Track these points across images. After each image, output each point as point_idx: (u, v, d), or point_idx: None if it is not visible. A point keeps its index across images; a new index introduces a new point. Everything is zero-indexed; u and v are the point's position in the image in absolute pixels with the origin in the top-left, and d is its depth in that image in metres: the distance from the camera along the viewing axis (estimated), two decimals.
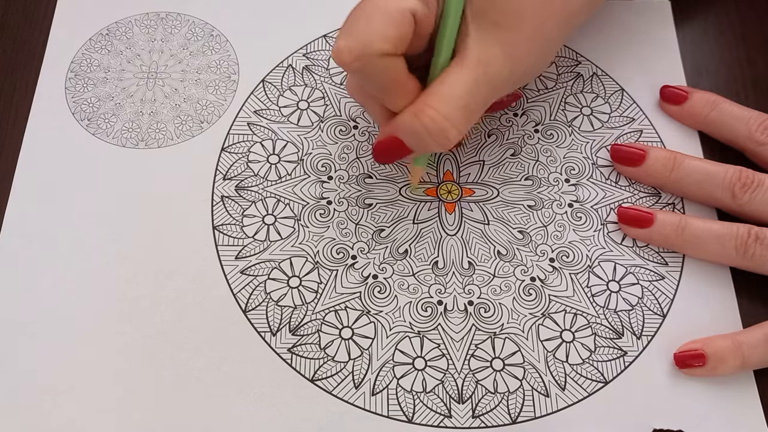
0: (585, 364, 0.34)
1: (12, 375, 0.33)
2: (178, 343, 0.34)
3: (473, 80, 0.30)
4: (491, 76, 0.30)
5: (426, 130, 0.30)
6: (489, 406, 0.33)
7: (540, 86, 0.40)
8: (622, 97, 0.40)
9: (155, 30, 0.42)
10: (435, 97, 0.30)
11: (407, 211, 0.37)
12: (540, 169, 0.38)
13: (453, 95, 0.30)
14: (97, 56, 0.41)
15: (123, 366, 0.33)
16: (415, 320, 0.34)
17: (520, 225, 0.37)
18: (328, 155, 0.38)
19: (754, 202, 0.34)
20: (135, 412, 0.33)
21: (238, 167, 0.38)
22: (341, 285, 0.35)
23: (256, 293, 0.35)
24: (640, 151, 0.37)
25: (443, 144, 0.30)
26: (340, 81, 0.40)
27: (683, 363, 0.33)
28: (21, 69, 0.41)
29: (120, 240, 0.36)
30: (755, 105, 0.37)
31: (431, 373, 0.33)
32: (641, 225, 0.35)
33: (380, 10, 0.29)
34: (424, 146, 0.31)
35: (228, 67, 0.41)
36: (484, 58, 0.30)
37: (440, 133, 0.30)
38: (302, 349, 0.34)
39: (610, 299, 0.35)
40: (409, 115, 0.30)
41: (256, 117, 0.39)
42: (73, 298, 0.35)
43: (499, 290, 0.35)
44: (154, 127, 0.39)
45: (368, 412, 0.33)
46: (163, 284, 0.35)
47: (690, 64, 0.41)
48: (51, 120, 0.39)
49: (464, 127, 0.30)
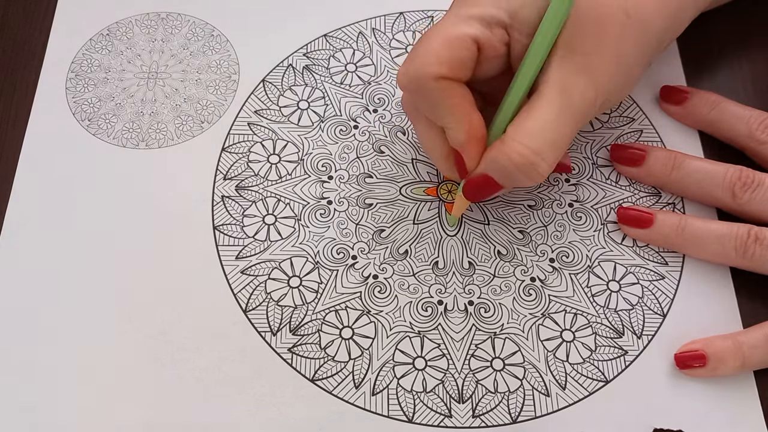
0: (585, 364, 0.34)
1: (12, 375, 0.33)
2: (178, 343, 0.34)
3: (558, 111, 0.30)
4: (576, 105, 0.30)
5: (515, 167, 0.30)
6: (489, 405, 0.33)
7: None
8: None
9: (156, 30, 0.42)
10: (522, 131, 0.30)
11: (407, 211, 0.37)
12: None
13: (540, 128, 0.29)
14: (97, 56, 0.41)
15: (123, 366, 0.33)
16: (415, 320, 0.34)
17: (520, 225, 0.37)
18: (329, 155, 0.38)
19: (754, 201, 0.34)
20: (135, 411, 0.33)
21: (239, 167, 0.38)
22: (341, 285, 0.35)
23: (256, 293, 0.35)
24: (640, 151, 0.37)
25: (534, 179, 0.30)
26: (340, 80, 0.40)
27: (684, 363, 0.33)
28: (21, 69, 0.41)
29: (120, 240, 0.36)
30: (755, 105, 0.37)
31: (431, 372, 0.33)
32: (641, 225, 0.35)
33: (440, 35, 0.30)
34: (515, 182, 0.31)
35: (228, 67, 0.41)
36: (567, 87, 0.30)
37: (531, 168, 0.30)
38: (302, 349, 0.34)
39: (610, 299, 0.35)
40: (497, 152, 0.30)
41: (257, 117, 0.39)
42: (73, 298, 0.35)
43: (500, 290, 0.35)
44: (155, 127, 0.39)
45: (368, 412, 0.33)
46: (164, 284, 0.35)
47: (690, 64, 0.41)
48: (51, 120, 0.39)
49: (554, 159, 0.30)
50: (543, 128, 0.29)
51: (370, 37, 0.41)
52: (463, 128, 0.31)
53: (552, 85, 0.30)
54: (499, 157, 0.30)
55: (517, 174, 0.30)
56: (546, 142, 0.29)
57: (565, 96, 0.30)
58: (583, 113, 0.30)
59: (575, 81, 0.30)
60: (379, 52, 0.41)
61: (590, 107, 0.30)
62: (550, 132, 0.29)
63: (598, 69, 0.30)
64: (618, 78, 0.31)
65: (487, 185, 0.32)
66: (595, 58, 0.30)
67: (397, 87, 0.40)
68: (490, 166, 0.31)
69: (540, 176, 0.30)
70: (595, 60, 0.30)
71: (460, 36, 0.29)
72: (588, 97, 0.30)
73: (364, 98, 0.40)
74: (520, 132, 0.30)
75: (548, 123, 0.29)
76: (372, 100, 0.40)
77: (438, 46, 0.30)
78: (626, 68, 0.31)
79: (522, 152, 0.29)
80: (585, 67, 0.30)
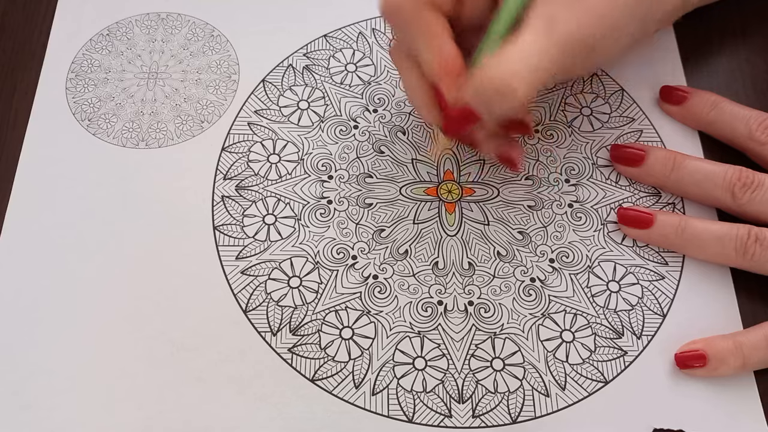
0: (585, 364, 0.34)
1: (12, 375, 0.33)
2: (178, 343, 0.34)
3: (542, 38, 0.29)
4: (561, 35, 0.30)
5: (493, 88, 0.29)
6: (489, 405, 0.33)
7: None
8: (622, 97, 0.40)
9: (156, 30, 0.42)
10: (503, 56, 0.30)
11: (407, 211, 0.37)
12: (540, 169, 0.38)
13: (521, 53, 0.29)
14: (97, 57, 0.41)
15: (123, 366, 0.33)
16: (415, 320, 0.34)
17: (520, 225, 0.37)
18: (329, 155, 0.38)
19: (754, 202, 0.34)
20: (135, 411, 0.33)
21: (239, 167, 0.38)
22: (341, 285, 0.35)
23: (256, 293, 0.35)
24: (640, 151, 0.37)
25: (511, 102, 0.30)
26: (340, 80, 0.40)
27: (684, 363, 0.33)
28: (21, 69, 0.41)
29: (120, 240, 0.36)
30: (755, 105, 0.37)
31: (431, 373, 0.33)
32: (641, 226, 0.35)
33: None
34: (492, 107, 0.30)
35: (228, 67, 0.41)
36: (552, 17, 0.30)
37: (508, 90, 0.29)
38: (302, 349, 0.34)
39: (610, 299, 0.35)
40: (475, 76, 0.30)
41: (257, 117, 0.39)
42: (73, 299, 0.35)
43: (499, 290, 0.35)
44: (155, 127, 0.39)
45: (368, 412, 0.33)
46: (164, 284, 0.35)
47: (690, 64, 0.41)
48: (52, 120, 0.39)
49: (533, 83, 0.29)
50: (525, 53, 0.29)
51: (370, 37, 0.42)
52: (441, 57, 0.31)
53: (537, 16, 0.30)
54: (477, 80, 0.30)
55: (495, 97, 0.30)
56: (525, 66, 0.29)
57: (551, 25, 0.29)
58: (570, 46, 0.30)
59: (561, 12, 0.30)
60: (379, 52, 0.41)
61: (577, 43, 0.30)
62: (530, 57, 0.29)
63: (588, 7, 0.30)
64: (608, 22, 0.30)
65: (466, 116, 0.31)
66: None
67: (397, 87, 0.40)
68: (468, 92, 0.31)
69: (517, 99, 0.29)
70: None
71: None
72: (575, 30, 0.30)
73: (364, 98, 0.40)
74: (502, 57, 0.30)
75: (531, 48, 0.29)
76: (372, 100, 0.40)
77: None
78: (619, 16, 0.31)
79: (500, 75, 0.29)
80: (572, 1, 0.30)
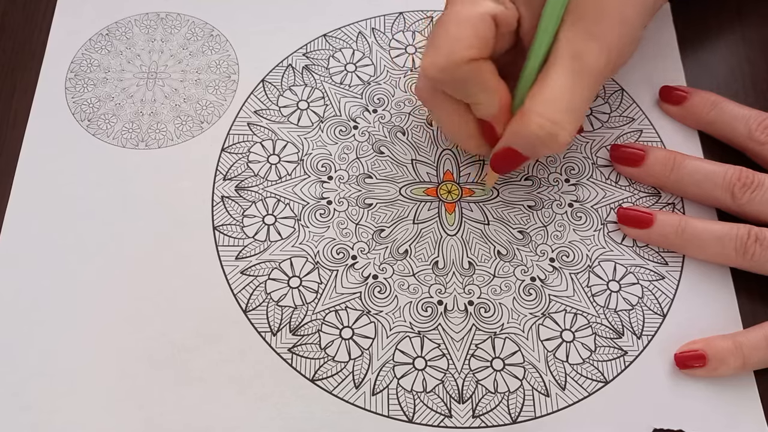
0: (585, 364, 0.34)
1: (12, 375, 0.33)
2: (178, 344, 0.34)
3: (572, 77, 0.30)
4: (588, 69, 0.31)
5: (536, 137, 0.31)
6: (489, 405, 0.33)
7: None
8: (622, 97, 0.40)
9: (155, 30, 0.42)
10: (538, 101, 0.31)
11: (407, 211, 0.37)
12: (540, 169, 0.38)
13: (555, 97, 0.30)
14: (97, 56, 0.41)
15: (123, 366, 0.33)
16: (415, 320, 0.34)
17: (520, 225, 0.37)
18: (328, 155, 0.38)
19: (754, 202, 0.34)
20: (135, 412, 0.33)
21: (239, 167, 0.38)
22: (341, 285, 0.35)
23: (256, 293, 0.35)
24: (639, 151, 0.37)
25: (555, 148, 0.31)
26: (339, 80, 0.40)
27: (684, 363, 0.33)
28: (21, 69, 0.41)
29: (120, 240, 0.36)
30: (755, 105, 0.37)
31: (431, 372, 0.33)
32: (641, 226, 0.36)
33: (460, 20, 0.30)
34: (537, 152, 0.32)
35: (228, 67, 0.41)
36: (577, 54, 0.30)
37: (551, 138, 0.31)
38: (302, 349, 0.34)
39: (610, 299, 0.35)
40: (518, 124, 0.31)
41: (256, 117, 0.39)
42: (73, 299, 0.35)
43: (499, 290, 0.35)
44: (155, 127, 0.39)
45: (368, 412, 0.33)
46: (164, 284, 0.35)
47: (690, 64, 0.41)
48: (51, 120, 0.39)
49: (573, 126, 0.31)
50: (558, 96, 0.30)
51: (369, 37, 0.41)
52: (497, 100, 0.32)
53: (563, 53, 0.31)
54: (521, 129, 0.31)
55: (539, 144, 0.31)
56: (563, 110, 0.30)
57: (577, 62, 0.30)
58: (596, 77, 0.31)
59: (585, 47, 0.30)
60: (378, 52, 0.41)
61: (602, 70, 0.31)
62: (566, 99, 0.30)
63: (605, 32, 0.31)
64: (623, 39, 0.32)
65: (513, 157, 0.33)
66: (600, 23, 0.30)
67: (396, 88, 0.40)
68: (513, 138, 0.32)
69: (561, 145, 0.31)
70: (601, 25, 0.31)
71: (481, 15, 0.30)
72: (599, 61, 0.31)
73: (364, 98, 0.40)
74: (537, 102, 0.31)
75: (563, 90, 0.30)
76: (372, 101, 0.40)
77: (463, 29, 0.30)
78: (629, 29, 0.32)
79: (541, 123, 0.30)
80: (592, 32, 0.30)
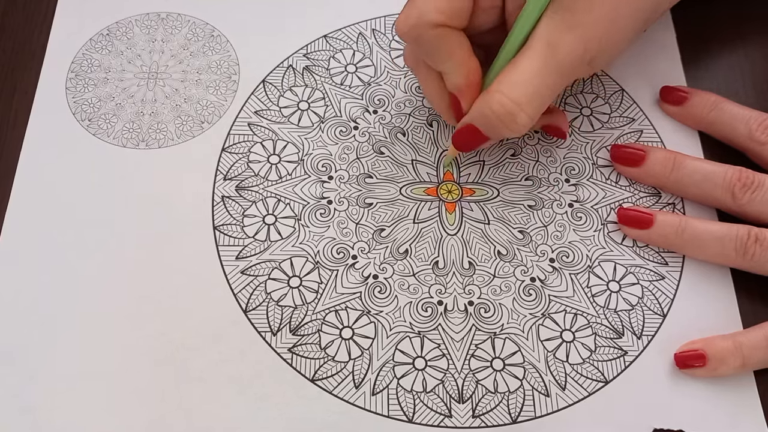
0: (585, 364, 0.34)
1: (12, 375, 0.33)
2: (178, 343, 0.34)
3: (542, 64, 0.30)
4: (562, 59, 0.31)
5: (495, 115, 0.31)
6: (489, 405, 0.33)
7: None
8: (622, 98, 0.40)
9: (156, 30, 0.42)
10: (504, 81, 0.31)
11: (407, 211, 0.37)
12: (540, 169, 0.38)
13: (522, 80, 0.30)
14: (97, 56, 0.41)
15: (123, 366, 0.33)
16: (415, 320, 0.34)
17: (520, 225, 0.37)
18: (329, 155, 0.38)
19: (754, 202, 0.34)
20: (135, 411, 0.33)
21: (239, 167, 0.38)
22: (341, 285, 0.35)
23: (256, 293, 0.35)
24: (639, 151, 0.37)
25: (514, 129, 0.31)
26: (340, 81, 0.40)
27: (684, 363, 0.33)
28: (21, 69, 0.41)
29: (120, 240, 0.36)
30: (755, 105, 0.37)
31: (431, 372, 0.33)
32: (641, 226, 0.36)
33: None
34: (497, 132, 0.32)
35: (228, 68, 0.41)
36: (552, 42, 0.30)
37: (510, 118, 0.31)
38: (302, 349, 0.34)
39: (610, 299, 0.35)
40: (480, 101, 0.32)
41: (257, 117, 0.39)
42: (73, 299, 0.35)
43: (499, 290, 0.35)
44: (155, 127, 0.39)
45: (368, 412, 0.33)
46: (164, 284, 0.35)
47: (690, 64, 0.41)
48: (52, 120, 0.39)
49: (534, 111, 0.31)
50: (526, 79, 0.30)
51: (370, 38, 0.42)
52: (462, 73, 0.32)
53: (539, 39, 0.31)
54: (482, 106, 0.31)
55: (498, 123, 0.31)
56: (527, 94, 0.30)
57: (551, 50, 0.30)
58: (568, 68, 0.31)
59: (561, 37, 0.30)
60: (379, 53, 0.41)
61: (577, 64, 0.31)
62: (533, 84, 0.30)
63: (588, 27, 0.31)
64: (610, 37, 0.31)
65: (474, 135, 0.33)
66: (585, 16, 0.30)
67: (396, 88, 0.40)
68: (474, 114, 0.32)
69: (519, 127, 0.31)
70: (586, 18, 0.30)
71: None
72: (575, 54, 0.31)
73: (364, 99, 0.40)
74: (504, 82, 0.31)
75: (531, 75, 0.30)
76: (372, 101, 0.40)
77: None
78: (619, 29, 0.32)
79: (502, 102, 0.31)
80: (574, 23, 0.30)
